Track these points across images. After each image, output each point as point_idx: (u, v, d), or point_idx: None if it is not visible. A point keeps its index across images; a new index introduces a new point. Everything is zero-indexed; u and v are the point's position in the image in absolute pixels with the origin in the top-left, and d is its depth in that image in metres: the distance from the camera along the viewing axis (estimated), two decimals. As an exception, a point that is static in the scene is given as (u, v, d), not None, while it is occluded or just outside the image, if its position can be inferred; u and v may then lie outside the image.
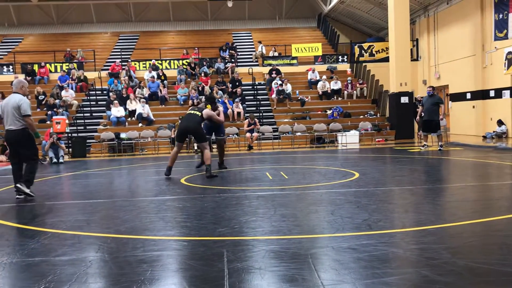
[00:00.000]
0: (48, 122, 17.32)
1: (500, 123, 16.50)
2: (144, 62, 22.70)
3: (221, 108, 9.93)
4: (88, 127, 18.19)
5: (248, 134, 16.33)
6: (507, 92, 16.54)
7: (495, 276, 3.11)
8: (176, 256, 3.81)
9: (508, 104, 16.52)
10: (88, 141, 16.60)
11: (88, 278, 3.30)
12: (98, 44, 26.69)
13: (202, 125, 9.12)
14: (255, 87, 21.28)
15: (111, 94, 18.96)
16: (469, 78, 18.57)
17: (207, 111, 9.28)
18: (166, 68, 22.38)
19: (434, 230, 4.28)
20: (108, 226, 5.00)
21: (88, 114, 18.92)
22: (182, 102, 19.46)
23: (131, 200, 6.62)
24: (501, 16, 16.61)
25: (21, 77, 21.04)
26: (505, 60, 16.52)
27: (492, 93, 17.40)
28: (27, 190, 6.88)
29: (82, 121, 18.30)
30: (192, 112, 9.16)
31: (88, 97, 20.09)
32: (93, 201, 6.61)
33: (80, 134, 17.06)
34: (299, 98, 20.37)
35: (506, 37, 16.39)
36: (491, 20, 17.18)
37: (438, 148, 12.84)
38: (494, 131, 16.53)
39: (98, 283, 3.23)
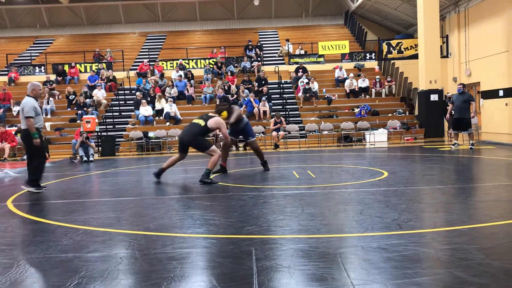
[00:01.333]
0: (78, 121, 17.70)
1: (534, 121, 16.02)
2: (171, 61, 22.96)
3: (219, 120, 8.29)
4: (117, 126, 18.51)
5: (274, 133, 16.31)
6: (542, 89, 16.04)
7: (532, 278, 3.02)
8: (205, 253, 3.84)
9: (543, 101, 16.02)
10: (117, 139, 16.89)
11: (119, 274, 3.35)
12: (126, 44, 27.13)
13: (204, 132, 8.17)
14: (281, 85, 21.24)
15: (137, 93, 19.26)
16: (501, 74, 18.08)
17: (215, 120, 8.11)
18: (193, 68, 22.59)
19: (467, 230, 4.19)
20: (138, 223, 5.08)
21: (117, 113, 19.25)
22: (208, 101, 19.60)
23: (159, 198, 6.71)
24: (535, 10, 16.12)
25: (52, 77, 21.62)
26: (540, 56, 16.02)
27: (526, 90, 16.91)
28: (31, 189, 7.47)
29: (111, 120, 18.63)
30: (195, 121, 8.29)
31: (117, 97, 20.44)
32: (122, 198, 6.72)
33: (109, 133, 17.38)
34: (326, 96, 20.23)
35: (541, 32, 15.90)
36: (525, 15, 16.69)
37: (469, 146, 12.55)
38: (528, 129, 16.06)
39: (129, 279, 3.28)
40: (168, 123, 18.20)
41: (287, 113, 18.73)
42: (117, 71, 22.66)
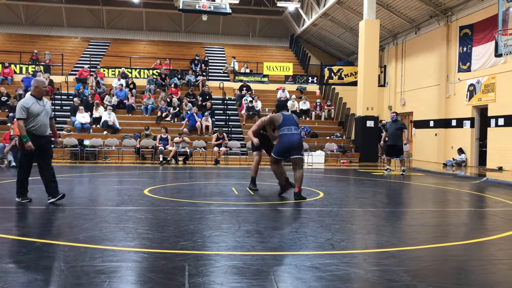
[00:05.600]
0: (9, 124, 16.75)
1: (460, 151, 17.06)
2: (114, 69, 22.41)
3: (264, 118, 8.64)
4: (49, 133, 17.68)
5: (215, 149, 16.27)
6: (468, 122, 17.17)
7: (452, 300, 3.17)
8: (136, 268, 3.72)
9: (468, 134, 17.13)
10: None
11: (42, 287, 3.16)
12: (67, 48, 26.19)
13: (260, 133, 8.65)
14: (225, 102, 21.30)
15: (75, 99, 18.58)
16: (432, 106, 19.18)
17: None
18: (136, 77, 22.15)
19: (395, 253, 4.34)
20: (66, 234, 4.84)
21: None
22: (150, 112, 19.26)
23: (91, 209, 6.44)
24: (465, 49, 17.31)
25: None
26: (467, 91, 17.18)
27: (453, 123, 18.02)
28: (17, 199, 6.73)
29: (45, 125, 17.77)
30: None
31: (53, 102, 19.58)
32: (51, 207, 6.39)
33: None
34: (268, 115, 20.47)
35: (469, 69, 17.08)
36: (456, 53, 17.88)
37: (401, 172, 13.12)
38: (454, 159, 17.07)
39: (52, 293, 3.10)
40: (105, 132, 17.64)
41: (229, 129, 18.77)
42: (55, 75, 21.76)
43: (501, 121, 15.44)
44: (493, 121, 15.81)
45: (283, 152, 8.07)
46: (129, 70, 22.42)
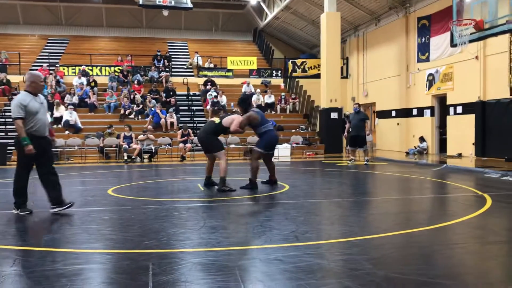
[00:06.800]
0: (-36, 127, 16.13)
1: (421, 140, 17.52)
2: (74, 67, 21.86)
3: (235, 117, 8.38)
4: (9, 133, 17.13)
5: (181, 145, 16.15)
6: (428, 111, 17.64)
7: (410, 285, 3.28)
8: (99, 269, 3.66)
9: (428, 122, 17.60)
10: (9, 148, 15.61)
11: (-1, 295, 3.08)
12: (24, 47, 25.33)
13: (217, 131, 8.25)
14: (189, 97, 21.14)
15: (35, 99, 18.04)
16: (394, 96, 19.60)
17: (228, 118, 8.26)
18: (97, 75, 21.69)
19: (358, 242, 4.44)
20: (27, 238, 4.72)
21: (10, 120, 17.82)
22: (113, 110, 18.91)
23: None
24: (423, 40, 17.75)
25: None
26: (427, 81, 17.63)
27: (414, 112, 18.48)
28: (14, 211, 6.01)
29: (3, 126, 17.23)
30: (212, 119, 8.52)
31: (11, 102, 18.95)
32: (10, 211, 6.21)
33: (0, 141, 16.02)
34: (233, 110, 20.44)
35: (427, 59, 17.53)
36: (415, 43, 18.31)
37: (364, 162, 13.38)
38: (416, 147, 17.52)
39: (11, 300, 3.03)
40: (67, 132, 17.22)
41: (195, 125, 18.65)
42: (12, 74, 21.05)
43: (459, 109, 15.94)
44: (451, 109, 16.31)
45: (272, 147, 8.53)
46: (90, 67, 21.93)
